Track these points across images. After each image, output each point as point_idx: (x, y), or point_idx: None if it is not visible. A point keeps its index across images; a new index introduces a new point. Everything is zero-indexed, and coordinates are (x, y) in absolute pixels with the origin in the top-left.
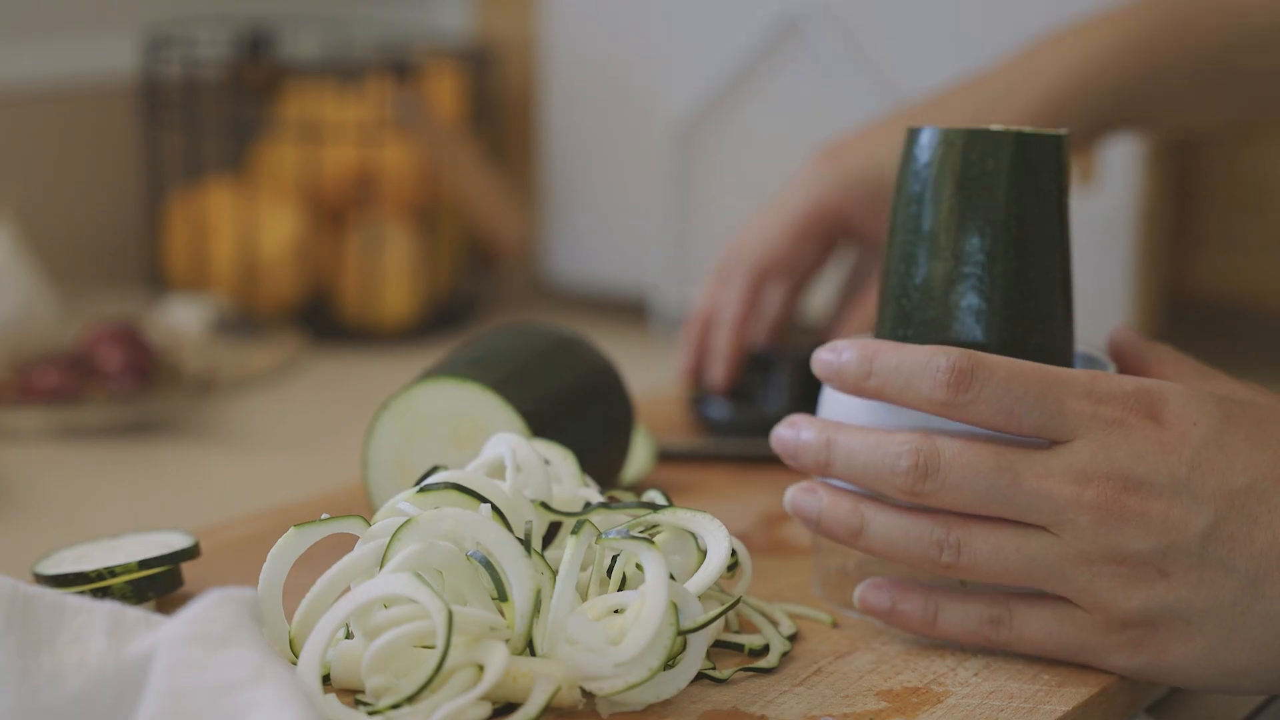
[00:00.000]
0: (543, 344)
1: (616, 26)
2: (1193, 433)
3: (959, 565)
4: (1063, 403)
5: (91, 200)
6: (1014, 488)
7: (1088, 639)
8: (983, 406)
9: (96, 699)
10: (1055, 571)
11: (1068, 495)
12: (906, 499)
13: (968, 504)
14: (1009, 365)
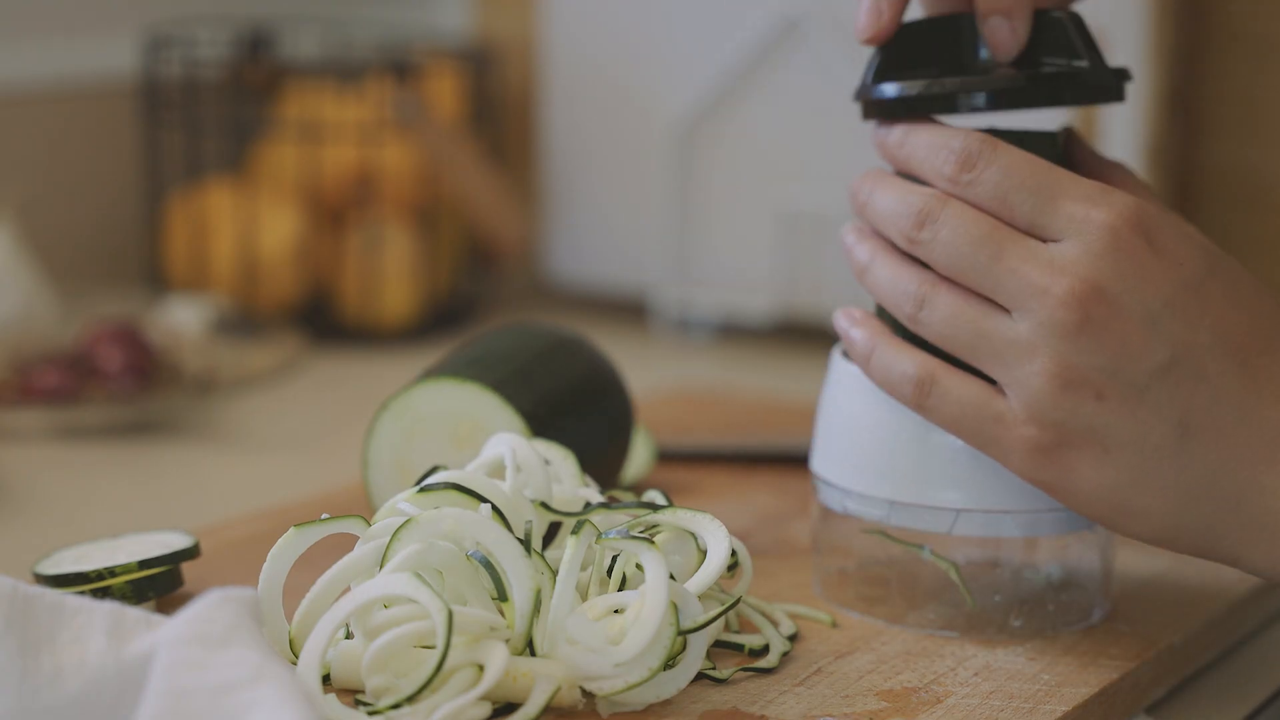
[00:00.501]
0: (543, 344)
1: (616, 26)
2: (1178, 270)
3: (919, 319)
4: (1059, 200)
5: (91, 200)
6: (993, 261)
7: (1000, 432)
8: (980, 188)
9: (96, 699)
10: (997, 353)
11: (1038, 283)
12: (904, 245)
13: (949, 265)
14: (1016, 155)
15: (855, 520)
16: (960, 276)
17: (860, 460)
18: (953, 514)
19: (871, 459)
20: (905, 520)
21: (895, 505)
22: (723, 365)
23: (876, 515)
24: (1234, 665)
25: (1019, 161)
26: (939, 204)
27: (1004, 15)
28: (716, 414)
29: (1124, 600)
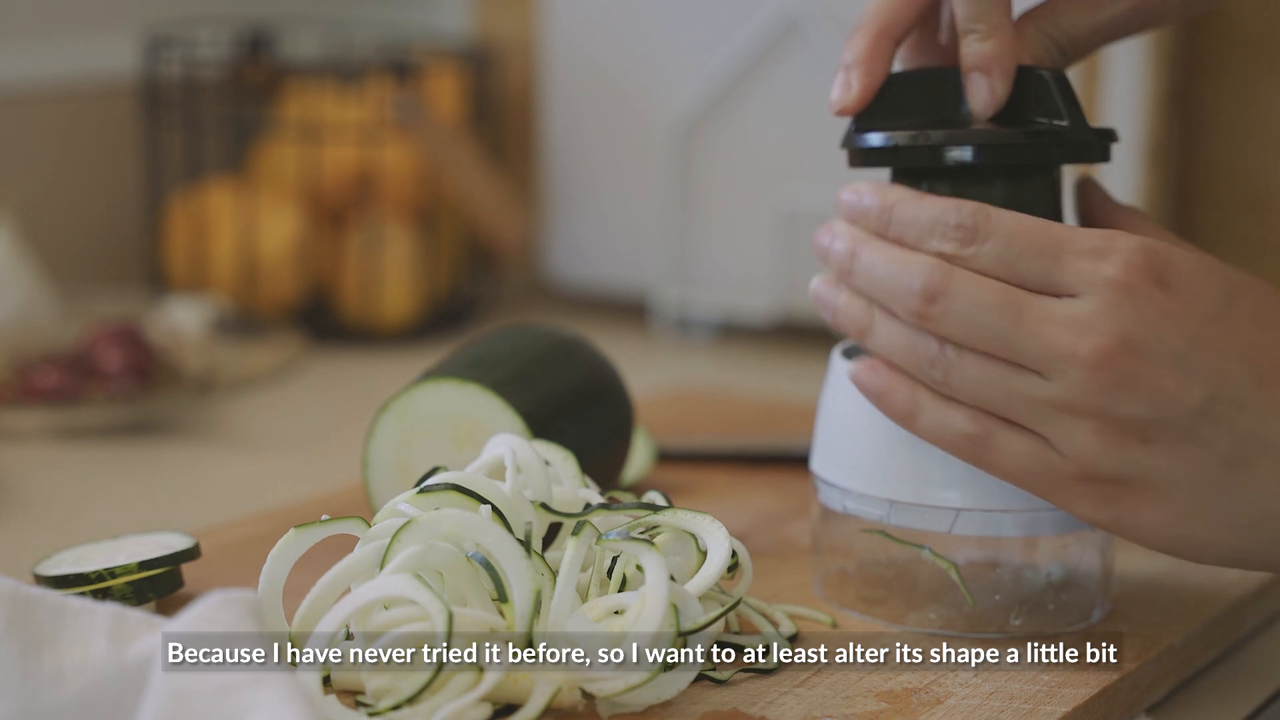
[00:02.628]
0: (543, 345)
1: (616, 26)
2: (1197, 305)
3: (947, 382)
4: (1065, 258)
5: (91, 200)
6: (1014, 328)
7: (1059, 482)
8: (985, 260)
9: (98, 700)
10: (1036, 413)
11: (1064, 344)
12: (914, 321)
13: (967, 336)
14: (1014, 220)
15: (855, 520)
16: (980, 345)
17: (860, 460)
18: (952, 514)
19: (871, 459)
20: (905, 520)
21: (895, 505)
22: (723, 365)
23: (876, 515)
24: (1234, 665)
25: (1018, 226)
26: (945, 276)
27: (984, 72)
28: (716, 414)
29: (1124, 600)
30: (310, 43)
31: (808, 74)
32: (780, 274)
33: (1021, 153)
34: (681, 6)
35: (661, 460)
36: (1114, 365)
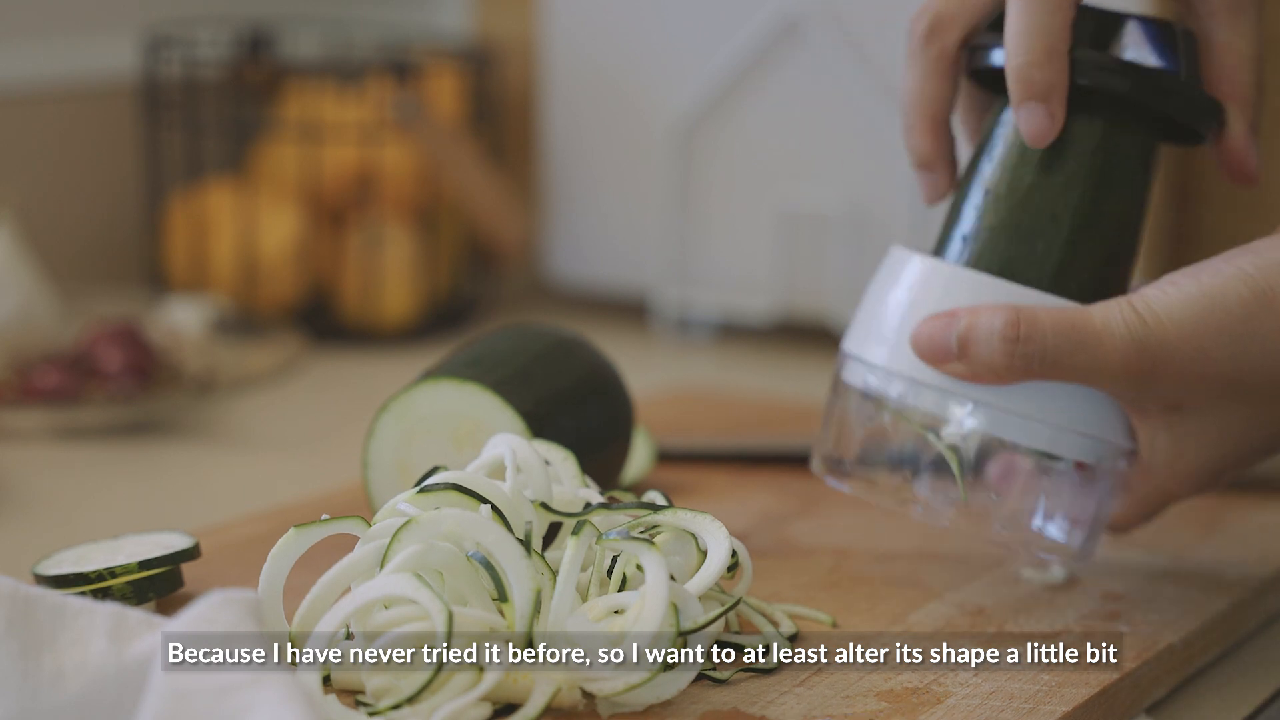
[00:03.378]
0: (543, 344)
1: (616, 26)
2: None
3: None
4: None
5: (91, 200)
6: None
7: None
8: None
9: (98, 700)
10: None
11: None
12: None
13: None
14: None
15: (871, 399)
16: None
17: (893, 337)
18: (971, 404)
19: (903, 335)
20: (922, 401)
21: (916, 384)
22: (723, 365)
23: (896, 392)
24: (1234, 665)
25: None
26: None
27: (1042, 101)
28: (716, 414)
29: (1124, 600)
30: (310, 43)
31: (808, 74)
32: (780, 274)
33: (1140, 88)
34: (681, 6)
35: (661, 460)
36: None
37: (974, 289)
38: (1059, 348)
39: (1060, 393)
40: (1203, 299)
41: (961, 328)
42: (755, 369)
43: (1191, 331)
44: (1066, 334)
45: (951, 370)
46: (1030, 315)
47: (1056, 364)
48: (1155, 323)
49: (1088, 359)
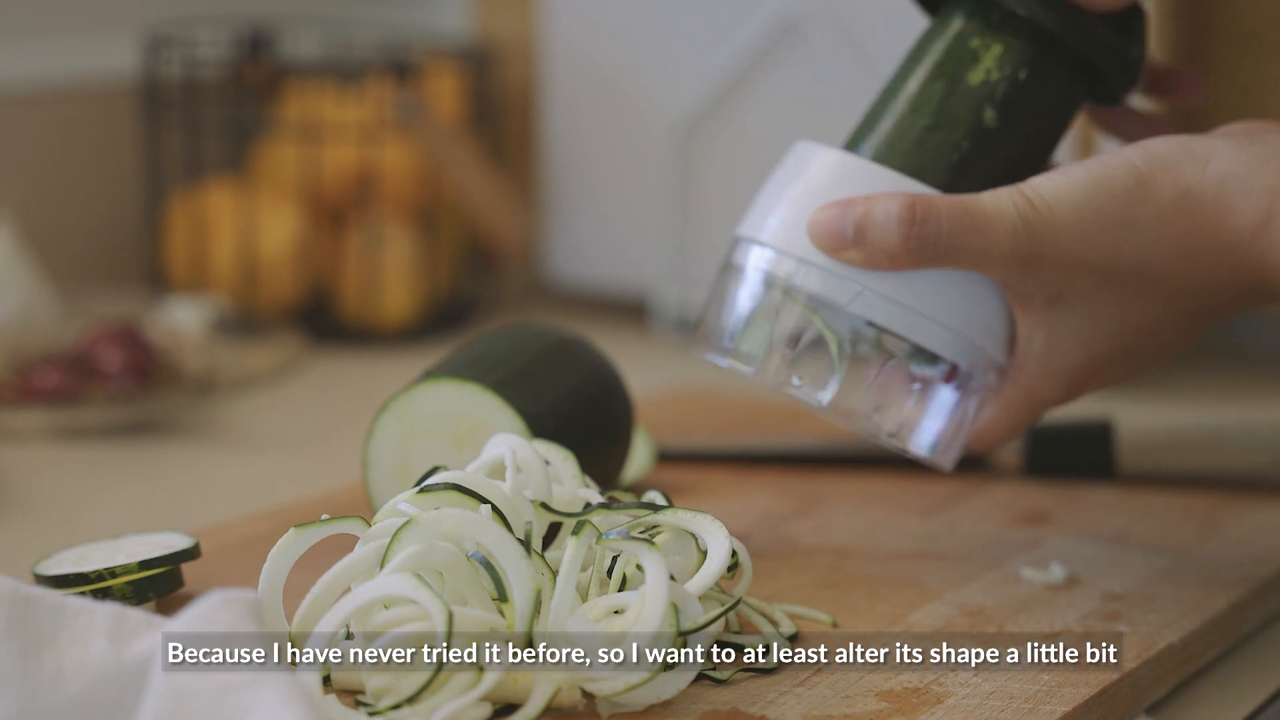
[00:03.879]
0: (543, 344)
1: (616, 26)
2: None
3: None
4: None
5: (91, 200)
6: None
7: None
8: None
9: (97, 700)
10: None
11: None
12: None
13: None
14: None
15: (761, 280)
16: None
17: (788, 218)
18: (857, 288)
19: (797, 217)
20: (810, 283)
21: (806, 264)
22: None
23: (785, 271)
24: (1234, 665)
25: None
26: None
27: None
28: (716, 414)
29: (1124, 600)
30: (310, 43)
31: (808, 74)
32: None
33: (1062, 24)
34: (681, 6)
35: (661, 460)
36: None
37: (873, 181)
38: (952, 230)
39: (948, 290)
40: (1088, 184)
41: (858, 213)
42: None
43: (1077, 215)
44: (959, 218)
45: (847, 258)
46: (925, 200)
47: (950, 248)
48: (1043, 206)
49: (979, 242)
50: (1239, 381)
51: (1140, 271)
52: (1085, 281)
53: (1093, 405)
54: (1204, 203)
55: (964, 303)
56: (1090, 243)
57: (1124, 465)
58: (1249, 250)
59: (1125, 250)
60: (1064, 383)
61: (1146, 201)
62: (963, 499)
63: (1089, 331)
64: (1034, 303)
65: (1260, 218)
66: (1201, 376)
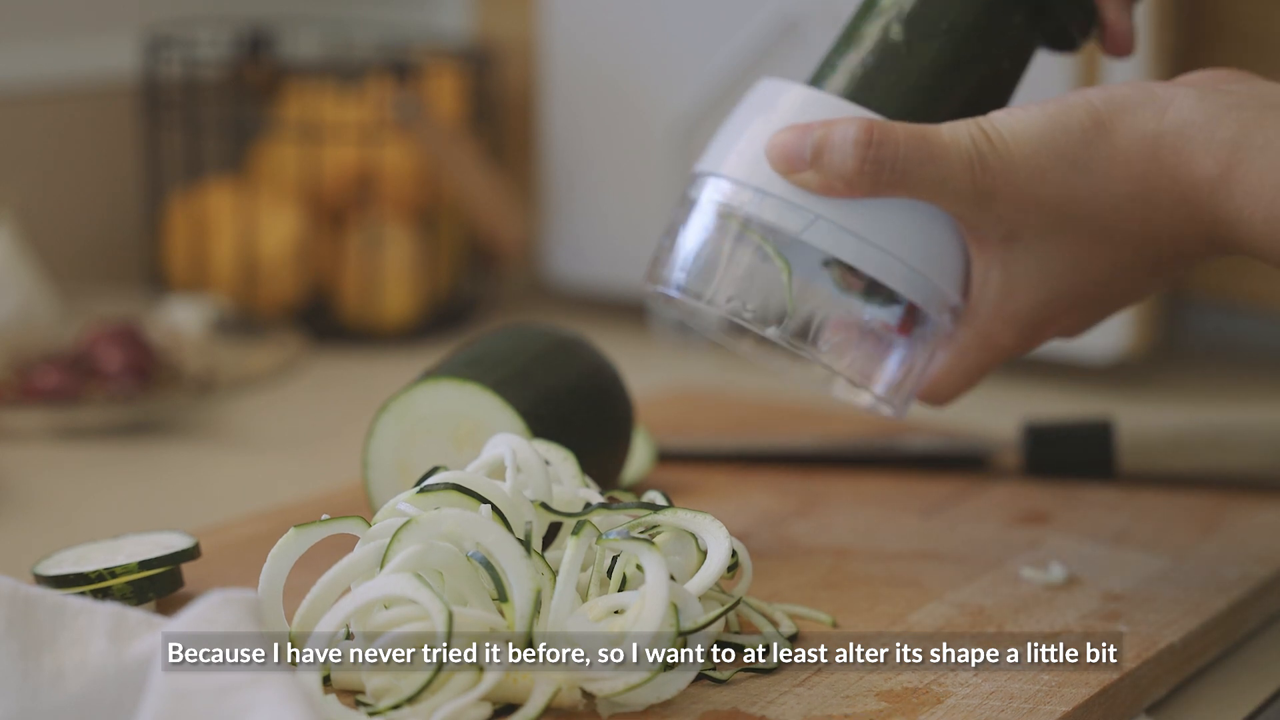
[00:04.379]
0: (542, 344)
1: (616, 26)
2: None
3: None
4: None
5: (91, 200)
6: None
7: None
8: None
9: (98, 700)
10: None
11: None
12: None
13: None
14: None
15: (717, 213)
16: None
17: (745, 150)
18: (811, 216)
19: (755, 148)
20: (765, 211)
21: (760, 193)
22: (723, 365)
23: (740, 201)
24: (1234, 665)
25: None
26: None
27: None
28: (716, 414)
29: (1124, 600)
30: (310, 43)
31: (808, 74)
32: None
33: None
34: (681, 6)
35: (661, 460)
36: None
37: (831, 111)
38: (909, 157)
39: (903, 223)
40: (1046, 122)
41: (816, 136)
42: (755, 369)
43: (1032, 151)
44: (917, 145)
45: (802, 180)
46: (882, 125)
47: (905, 174)
48: (999, 141)
49: (934, 171)
50: (1239, 381)
51: (1093, 214)
52: (1039, 221)
53: (1093, 405)
54: (1162, 150)
55: (919, 238)
56: (1044, 180)
57: (1124, 465)
58: (1207, 201)
59: (1079, 190)
60: (1019, 329)
61: (1102, 143)
62: (963, 499)
63: (1043, 274)
64: (989, 240)
65: (1219, 169)
66: (1201, 376)
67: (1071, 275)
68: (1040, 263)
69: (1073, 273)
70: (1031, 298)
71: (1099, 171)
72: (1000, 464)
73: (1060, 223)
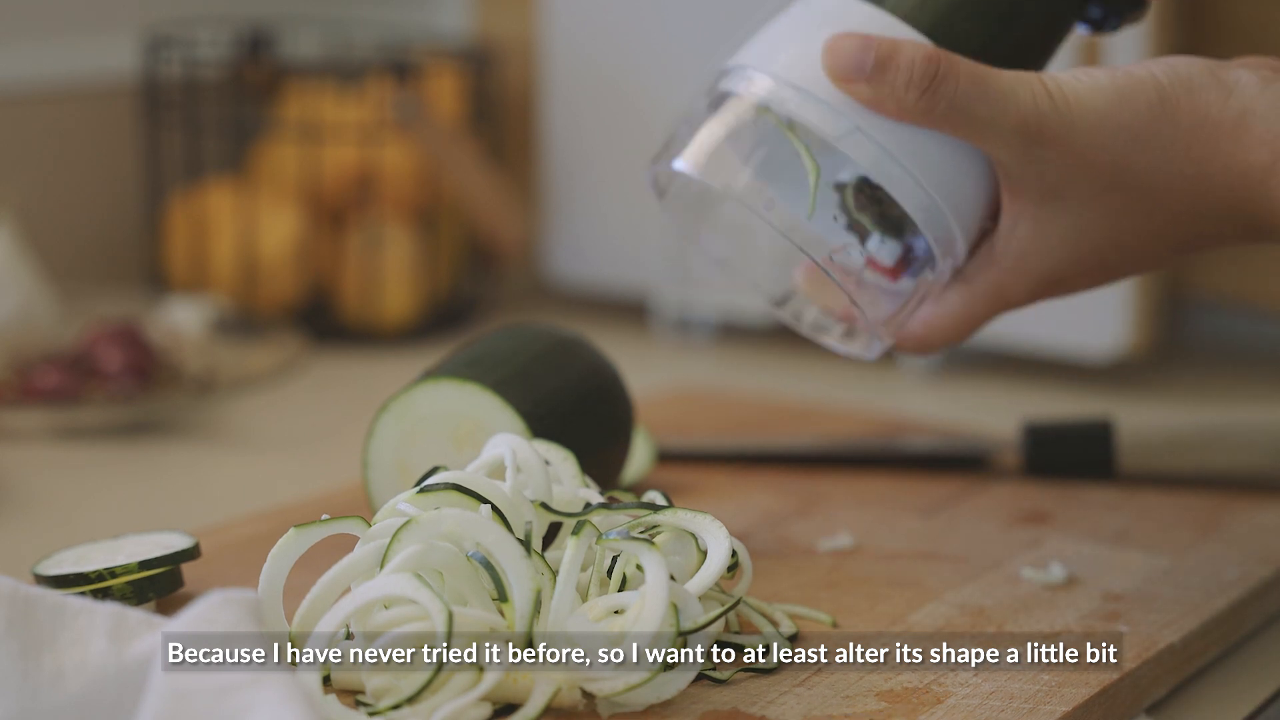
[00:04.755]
0: (543, 344)
1: (616, 26)
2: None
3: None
4: None
5: (91, 200)
6: None
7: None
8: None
9: (98, 700)
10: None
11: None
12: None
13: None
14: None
15: (750, 102)
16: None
17: (795, 50)
18: (852, 125)
19: (809, 51)
20: (806, 112)
21: (804, 93)
22: (722, 365)
23: (779, 98)
24: (1234, 665)
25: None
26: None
27: None
28: (716, 414)
29: (1124, 600)
30: (310, 43)
31: None
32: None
33: None
34: (681, 6)
35: (661, 460)
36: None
37: (891, 30)
38: (968, 93)
39: (940, 156)
40: (1114, 92)
41: (883, 50)
42: (755, 369)
43: (1097, 121)
44: (979, 82)
45: (854, 91)
46: (950, 56)
47: (961, 110)
48: (1061, 100)
49: (989, 111)
50: (1239, 381)
51: (1144, 188)
52: (1089, 184)
53: (1093, 405)
54: (1221, 133)
55: (950, 174)
56: (1104, 149)
57: (1124, 465)
58: (1258, 188)
59: (1135, 164)
60: (1033, 284)
61: (1165, 123)
62: (963, 499)
63: (1076, 236)
64: (1028, 192)
65: (1273, 158)
66: (1201, 376)
67: (1102, 241)
68: (1076, 224)
69: (1104, 239)
70: (1057, 256)
71: (1157, 150)
72: (1000, 464)
73: (1106, 191)
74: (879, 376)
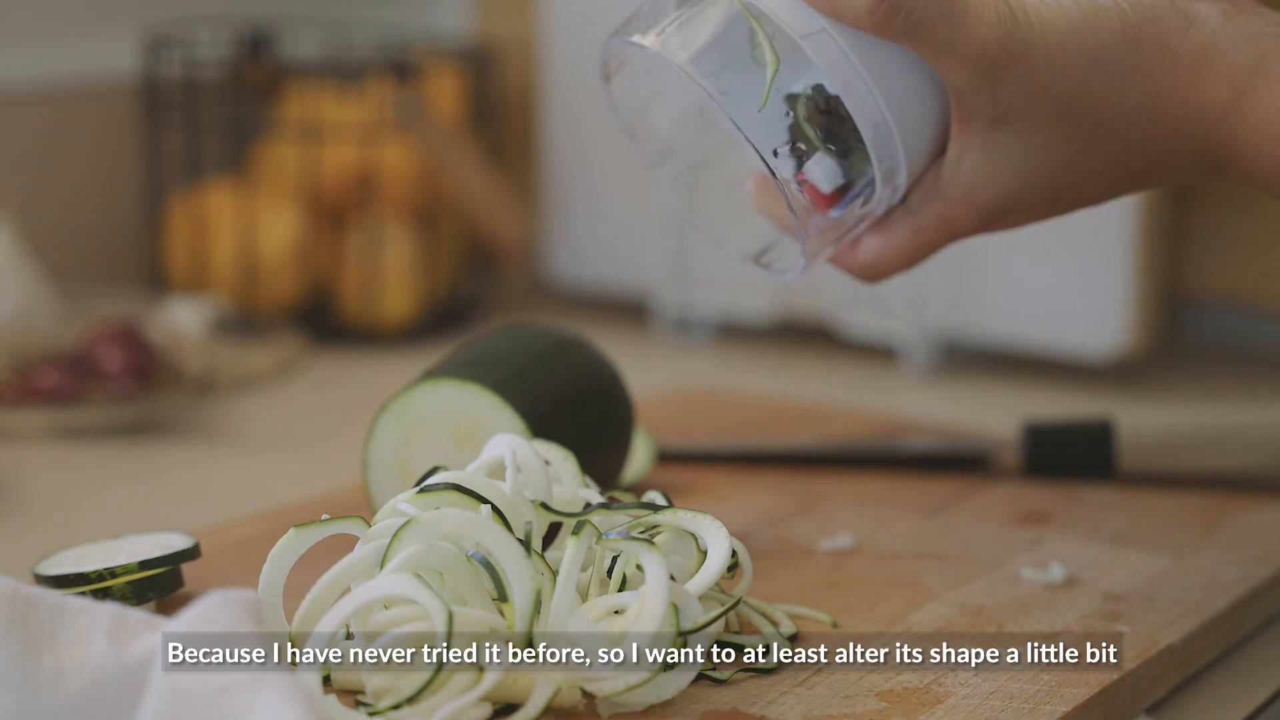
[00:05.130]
0: (543, 344)
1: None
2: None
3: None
4: None
5: (91, 200)
6: None
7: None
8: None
9: (98, 700)
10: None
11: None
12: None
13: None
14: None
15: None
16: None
17: None
18: (819, 25)
19: None
20: (776, 5)
21: None
22: (722, 365)
23: None
24: (1234, 665)
25: None
26: None
27: None
28: (716, 414)
29: (1124, 600)
30: (310, 43)
31: None
32: None
33: None
34: None
35: (661, 460)
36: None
37: None
38: (928, 9)
39: (899, 72)
40: (1079, 17)
41: None
42: (755, 369)
43: (1058, 44)
44: (941, 1)
45: None
46: None
47: (920, 25)
48: (1025, 22)
49: (949, 32)
50: (1239, 381)
51: (1099, 116)
52: (1040, 111)
53: (1093, 405)
54: (1181, 65)
55: (905, 96)
56: (1061, 73)
57: (1124, 465)
58: (1216, 124)
59: (1092, 91)
60: (982, 214)
61: (1126, 50)
62: (963, 499)
63: (1025, 164)
64: (978, 119)
65: (1233, 94)
66: (1201, 376)
67: (1052, 169)
68: (1025, 151)
69: (1055, 167)
70: (1005, 186)
71: (1117, 76)
72: (1000, 464)
73: (1060, 117)
74: (879, 376)
